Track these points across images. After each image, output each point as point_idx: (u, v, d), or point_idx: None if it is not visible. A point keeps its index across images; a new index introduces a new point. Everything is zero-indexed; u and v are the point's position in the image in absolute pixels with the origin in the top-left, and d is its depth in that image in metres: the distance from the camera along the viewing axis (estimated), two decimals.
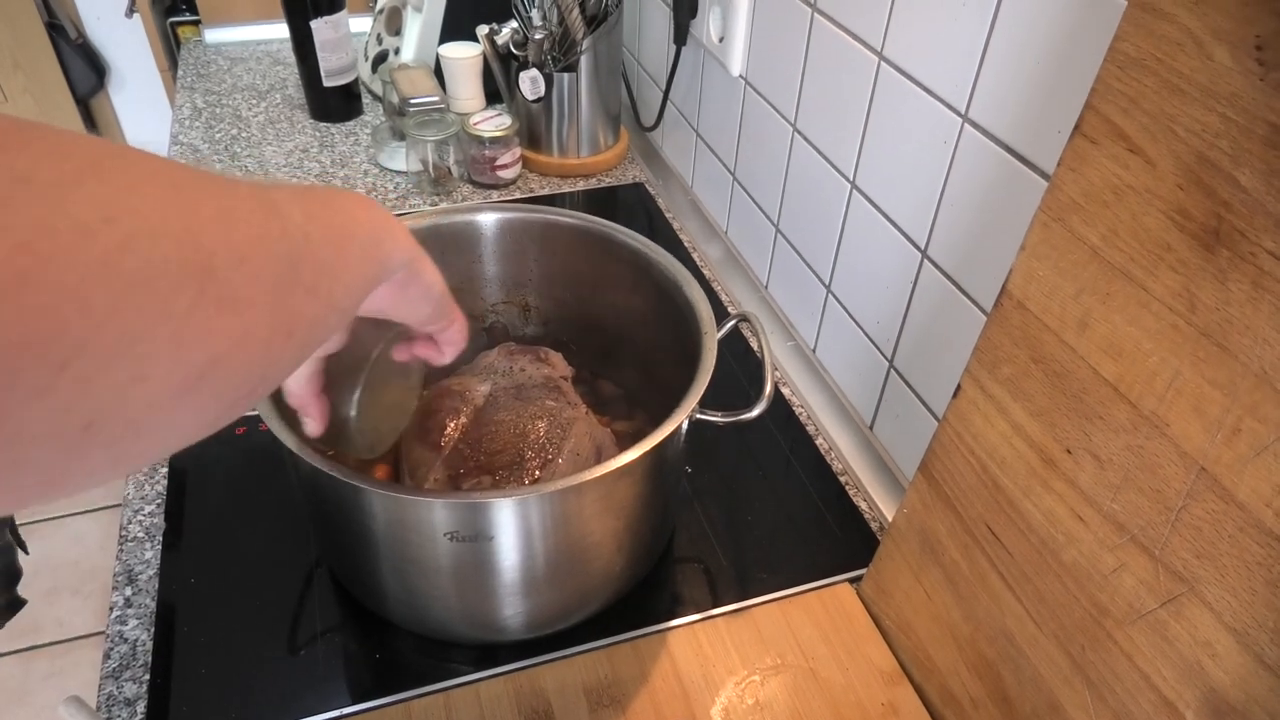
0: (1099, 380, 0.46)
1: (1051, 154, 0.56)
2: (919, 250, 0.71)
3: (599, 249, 0.76)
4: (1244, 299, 0.39)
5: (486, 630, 0.64)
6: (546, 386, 0.71)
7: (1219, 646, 0.41)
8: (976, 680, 0.57)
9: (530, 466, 0.64)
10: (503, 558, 0.58)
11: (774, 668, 0.64)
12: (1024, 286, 0.50)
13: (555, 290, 0.81)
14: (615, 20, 1.12)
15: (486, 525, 0.55)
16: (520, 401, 0.68)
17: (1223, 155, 0.39)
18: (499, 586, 0.60)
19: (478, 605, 0.62)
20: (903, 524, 0.63)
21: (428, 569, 0.59)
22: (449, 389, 0.70)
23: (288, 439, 0.54)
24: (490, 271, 0.80)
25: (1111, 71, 0.43)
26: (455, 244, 0.77)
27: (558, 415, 0.67)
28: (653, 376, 0.76)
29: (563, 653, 0.65)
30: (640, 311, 0.75)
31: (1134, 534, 0.45)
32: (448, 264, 0.59)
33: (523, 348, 0.76)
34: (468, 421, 0.67)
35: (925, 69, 0.66)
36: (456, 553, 0.57)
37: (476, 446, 0.65)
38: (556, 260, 0.79)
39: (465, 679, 0.64)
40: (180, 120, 1.31)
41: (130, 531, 0.73)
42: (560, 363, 0.76)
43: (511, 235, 0.78)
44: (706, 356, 0.62)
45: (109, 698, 0.62)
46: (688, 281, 0.69)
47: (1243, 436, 0.39)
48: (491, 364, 0.74)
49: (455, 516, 0.54)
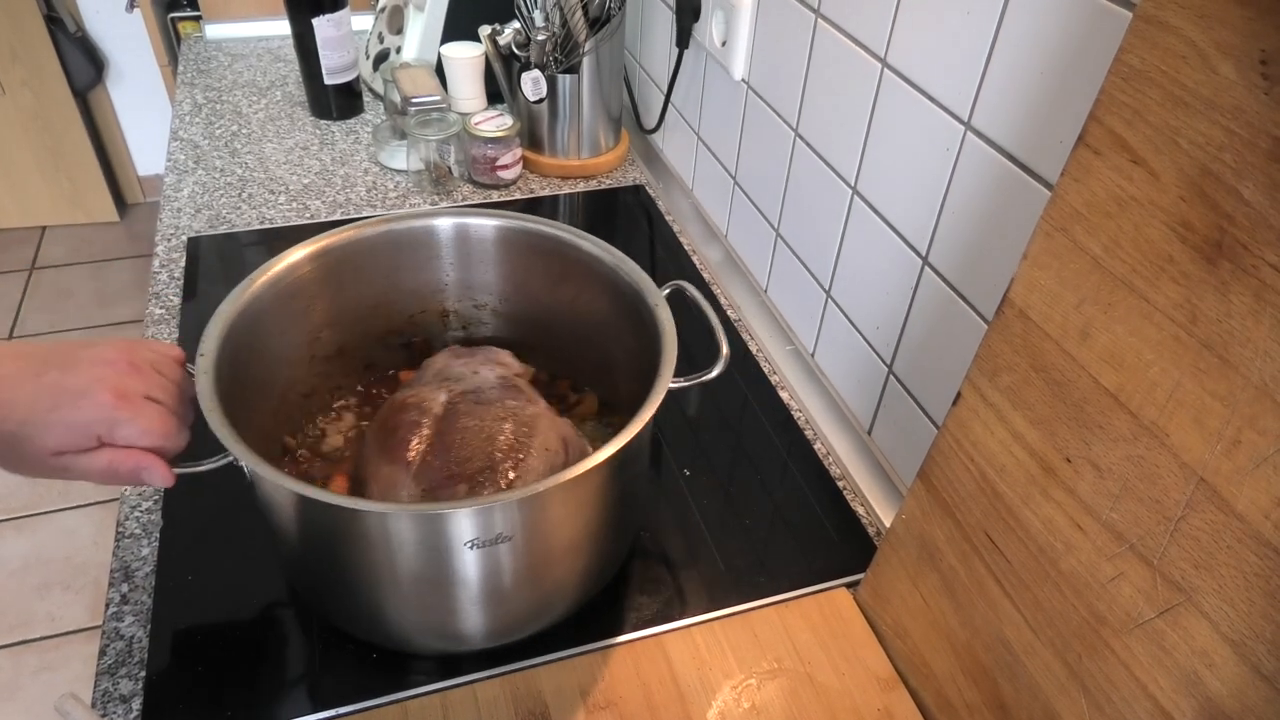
0: (1099, 390, 0.46)
1: (1054, 163, 0.56)
2: (920, 257, 0.71)
3: (524, 245, 0.77)
4: (1245, 311, 0.39)
5: (497, 634, 0.64)
6: (504, 387, 0.70)
7: (1216, 657, 0.41)
8: (973, 687, 0.58)
9: (504, 468, 0.63)
10: (519, 557, 0.58)
11: (770, 672, 0.64)
12: (1026, 295, 0.50)
13: (499, 292, 0.81)
14: (618, 23, 1.12)
15: (507, 526, 0.55)
16: (481, 405, 0.67)
17: (1226, 168, 0.39)
18: (516, 586, 0.61)
19: (494, 609, 0.62)
20: (901, 530, 0.63)
21: (443, 582, 0.58)
22: (404, 402, 0.68)
23: (257, 463, 0.54)
24: (418, 279, 0.80)
25: (1116, 83, 0.44)
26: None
27: (520, 414, 0.67)
28: (605, 363, 0.78)
29: (560, 654, 0.65)
30: (584, 302, 0.76)
31: (1132, 543, 0.45)
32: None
33: (469, 349, 0.75)
34: (431, 433, 0.66)
35: (928, 76, 0.66)
36: (475, 560, 0.57)
37: (446, 456, 0.64)
38: (484, 260, 0.79)
39: (462, 680, 0.64)
40: (180, 116, 1.31)
41: (127, 528, 0.73)
42: (511, 360, 0.76)
43: (441, 239, 0.78)
44: (665, 324, 0.65)
45: (105, 694, 0.62)
46: (623, 262, 0.71)
47: (1242, 448, 0.39)
48: (442, 370, 0.73)
49: (477, 523, 0.54)
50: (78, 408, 0.52)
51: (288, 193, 1.15)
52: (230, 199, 1.13)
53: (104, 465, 0.53)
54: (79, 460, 0.53)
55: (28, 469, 0.53)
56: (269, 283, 0.68)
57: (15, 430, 0.51)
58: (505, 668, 0.64)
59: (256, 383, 0.68)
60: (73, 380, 0.52)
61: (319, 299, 0.74)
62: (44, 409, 0.51)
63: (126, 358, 0.55)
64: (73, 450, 0.52)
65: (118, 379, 0.54)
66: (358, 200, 1.15)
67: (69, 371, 0.53)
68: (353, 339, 0.78)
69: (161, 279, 1.00)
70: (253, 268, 0.68)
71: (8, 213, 2.76)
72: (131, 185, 2.91)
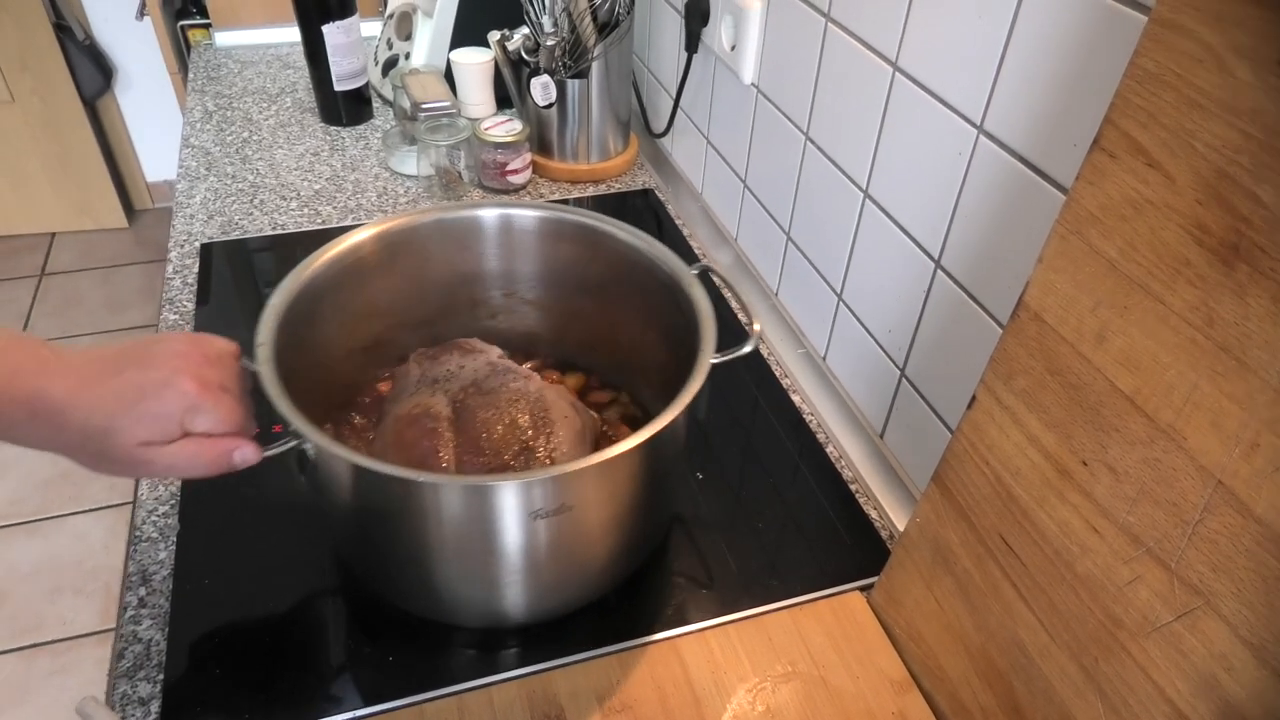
0: (1116, 393, 0.46)
1: (1067, 166, 0.56)
2: (932, 260, 0.71)
3: (560, 234, 0.79)
4: (1263, 314, 0.39)
5: (539, 611, 0.67)
6: (496, 372, 0.71)
7: (1234, 660, 0.41)
8: (987, 690, 0.58)
9: (538, 445, 0.65)
10: (578, 526, 0.61)
11: (785, 675, 0.64)
12: (1041, 299, 0.50)
13: (536, 282, 0.83)
14: (626, 27, 1.12)
15: (570, 496, 0.57)
16: (486, 395, 0.68)
17: (1243, 171, 0.39)
18: (569, 557, 0.63)
19: (553, 579, 0.65)
20: (915, 533, 0.63)
21: (507, 553, 0.60)
22: (410, 415, 0.67)
23: (330, 445, 0.56)
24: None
25: (1131, 86, 0.44)
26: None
27: (527, 393, 0.68)
28: (635, 350, 0.79)
29: (575, 657, 0.65)
30: (616, 288, 0.78)
31: (1149, 546, 0.45)
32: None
33: (437, 349, 0.75)
34: (452, 435, 0.66)
35: (940, 80, 0.66)
36: (539, 530, 0.59)
37: (479, 453, 0.64)
38: (526, 251, 0.81)
39: (478, 682, 0.64)
40: (191, 123, 1.32)
41: (144, 532, 0.73)
42: (484, 344, 0.76)
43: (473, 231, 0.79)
44: (700, 301, 0.67)
45: (123, 697, 0.63)
46: (653, 244, 0.73)
47: (1261, 451, 0.39)
48: (422, 376, 0.72)
49: (543, 493, 0.56)
50: (162, 398, 0.53)
51: (299, 198, 1.16)
52: (242, 205, 1.14)
53: (190, 454, 0.54)
54: (163, 451, 0.54)
55: (111, 465, 0.54)
56: (326, 265, 0.71)
57: (104, 425, 0.52)
58: (520, 671, 0.65)
59: (302, 374, 0.69)
60: (153, 374, 0.54)
61: (359, 292, 0.75)
62: (129, 402, 0.53)
63: (199, 350, 0.56)
64: (159, 441, 0.53)
65: (195, 369, 0.55)
66: (368, 206, 1.15)
67: (147, 367, 0.54)
68: (387, 329, 0.80)
69: (175, 284, 1.00)
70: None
71: (17, 220, 2.78)
72: (140, 192, 2.93)
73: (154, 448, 0.53)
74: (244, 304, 0.98)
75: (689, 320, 0.67)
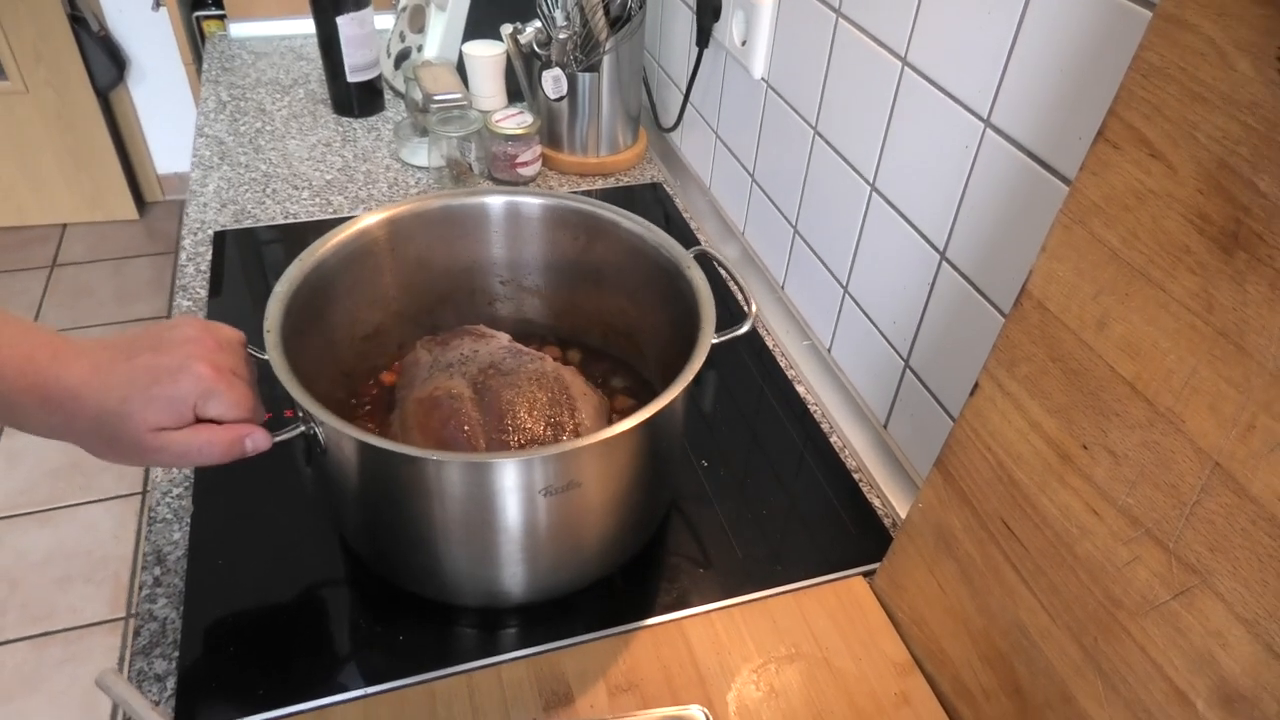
0: (1116, 378, 0.47)
1: (1072, 159, 0.57)
2: (938, 252, 0.72)
3: (563, 221, 0.81)
4: (1261, 300, 0.40)
5: (540, 590, 0.68)
6: (512, 353, 0.72)
7: (1230, 636, 0.42)
8: (989, 671, 0.59)
9: (564, 421, 0.67)
10: (583, 502, 0.62)
11: (788, 657, 0.65)
12: (1044, 287, 0.51)
13: (539, 268, 0.84)
14: (638, 22, 1.14)
15: (579, 473, 0.59)
16: (506, 375, 0.69)
17: (1243, 161, 0.40)
18: (582, 532, 0.65)
19: (558, 558, 0.66)
20: (918, 518, 0.64)
21: (514, 531, 0.61)
22: (431, 398, 0.68)
23: (344, 427, 0.57)
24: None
25: (1135, 79, 0.45)
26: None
27: (544, 372, 0.69)
28: (634, 333, 0.81)
29: (582, 638, 0.67)
30: (615, 272, 0.79)
31: (1148, 528, 0.46)
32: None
33: (445, 335, 0.76)
34: (479, 415, 0.67)
35: (949, 74, 0.67)
36: (548, 507, 0.60)
37: (506, 432, 0.66)
38: (531, 238, 0.83)
39: (487, 661, 0.65)
40: (205, 113, 1.33)
41: (159, 514, 0.74)
42: (492, 330, 0.78)
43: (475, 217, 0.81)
44: (699, 283, 0.69)
45: (140, 673, 0.64)
46: (651, 229, 0.75)
47: (1257, 433, 0.40)
48: (436, 361, 0.73)
49: (551, 470, 0.58)
50: (176, 382, 0.54)
51: (311, 188, 1.17)
52: (255, 194, 1.15)
53: (203, 440, 0.55)
54: (176, 437, 0.54)
55: (123, 452, 0.54)
56: (332, 251, 0.72)
57: (117, 408, 0.52)
58: (529, 650, 0.66)
59: (307, 363, 0.70)
60: (166, 358, 0.54)
61: (362, 279, 0.76)
62: (143, 386, 0.53)
63: (211, 335, 0.57)
64: (171, 426, 0.54)
65: (209, 354, 0.55)
66: (379, 196, 1.16)
67: (160, 351, 0.54)
68: (388, 318, 0.81)
69: (189, 272, 1.02)
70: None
71: (29, 211, 2.80)
72: (151, 184, 2.95)
73: (166, 433, 0.54)
74: (254, 291, 1.00)
75: (689, 304, 0.68)
